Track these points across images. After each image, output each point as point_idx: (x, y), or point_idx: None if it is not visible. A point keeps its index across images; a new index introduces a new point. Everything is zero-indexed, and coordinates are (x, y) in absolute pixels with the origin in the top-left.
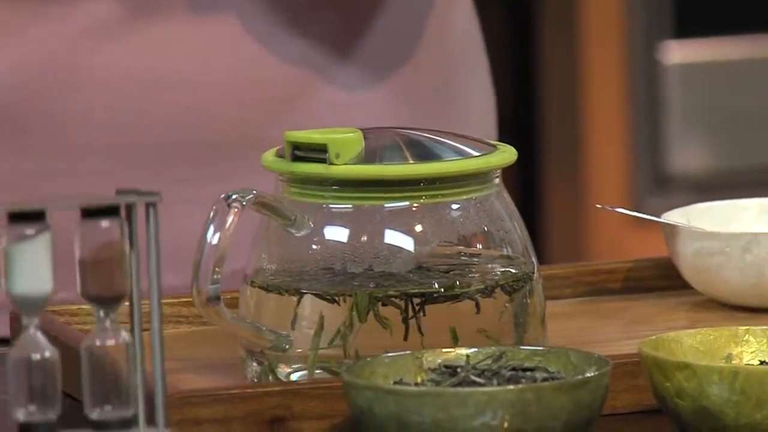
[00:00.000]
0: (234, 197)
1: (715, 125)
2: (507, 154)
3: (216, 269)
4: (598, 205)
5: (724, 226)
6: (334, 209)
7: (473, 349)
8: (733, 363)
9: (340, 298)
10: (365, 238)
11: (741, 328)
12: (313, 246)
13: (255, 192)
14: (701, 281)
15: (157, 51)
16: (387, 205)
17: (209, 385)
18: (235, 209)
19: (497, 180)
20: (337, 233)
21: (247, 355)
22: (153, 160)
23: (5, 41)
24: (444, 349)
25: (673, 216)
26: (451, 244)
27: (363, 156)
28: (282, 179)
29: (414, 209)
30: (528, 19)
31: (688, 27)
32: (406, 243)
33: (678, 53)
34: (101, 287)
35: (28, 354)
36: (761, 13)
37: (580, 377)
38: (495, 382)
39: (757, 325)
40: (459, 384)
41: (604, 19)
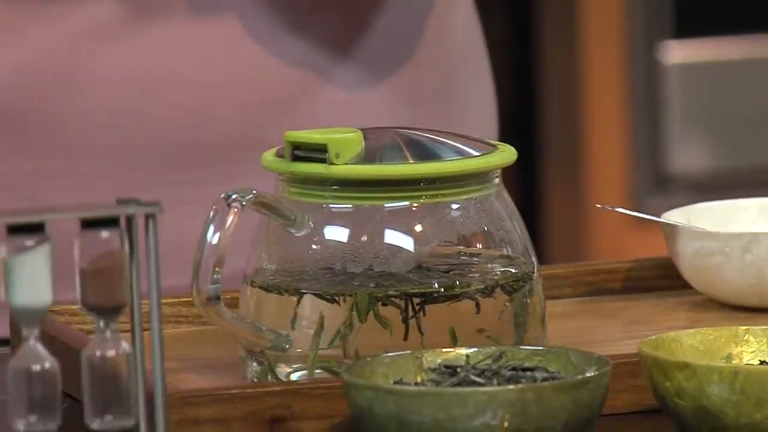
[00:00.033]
0: (234, 197)
1: (715, 125)
2: (507, 154)
3: (216, 269)
4: (598, 205)
5: (724, 226)
6: (334, 209)
7: (473, 349)
8: (733, 363)
9: (340, 298)
10: (365, 238)
11: (741, 328)
12: (313, 246)
13: (255, 192)
14: (701, 281)
15: (159, 52)
16: (387, 205)
17: (209, 385)
18: (235, 209)
19: (497, 180)
20: (337, 233)
21: (247, 355)
22: (154, 161)
23: (5, 41)
24: (444, 349)
25: (673, 216)
26: (451, 243)
27: (363, 156)
28: (282, 179)
29: (414, 209)
30: (528, 19)
31: (688, 27)
32: (406, 243)
33: (678, 53)
34: (101, 297)
35: (28, 365)
36: (761, 13)
37: (580, 377)
38: (495, 382)
39: (757, 325)
40: (459, 384)
41: (604, 19)
